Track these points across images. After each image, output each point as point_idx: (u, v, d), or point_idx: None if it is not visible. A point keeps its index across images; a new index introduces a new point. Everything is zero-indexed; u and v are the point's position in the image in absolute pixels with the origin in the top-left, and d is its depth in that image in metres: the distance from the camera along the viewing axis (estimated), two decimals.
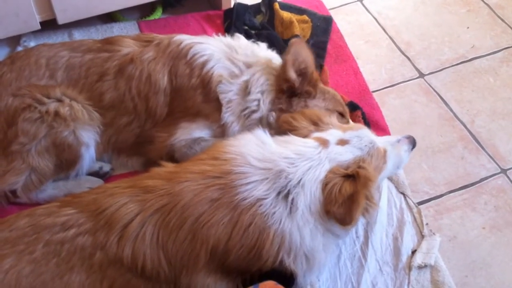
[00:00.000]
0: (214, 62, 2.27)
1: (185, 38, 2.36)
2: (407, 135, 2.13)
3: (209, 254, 1.75)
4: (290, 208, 1.77)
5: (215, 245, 1.74)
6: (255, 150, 1.84)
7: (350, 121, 2.39)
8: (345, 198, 1.75)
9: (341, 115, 2.31)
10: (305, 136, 1.94)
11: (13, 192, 2.24)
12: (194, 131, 2.27)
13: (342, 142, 1.89)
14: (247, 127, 2.24)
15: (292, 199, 1.77)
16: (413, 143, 2.12)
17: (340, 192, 1.76)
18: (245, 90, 2.26)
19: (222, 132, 2.30)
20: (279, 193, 1.77)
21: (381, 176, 1.99)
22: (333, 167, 1.82)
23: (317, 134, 1.94)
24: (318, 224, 1.81)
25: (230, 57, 2.30)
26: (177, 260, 1.74)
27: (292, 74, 2.17)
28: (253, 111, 2.25)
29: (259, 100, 2.24)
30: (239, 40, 2.39)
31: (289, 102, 2.23)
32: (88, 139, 2.27)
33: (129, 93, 2.28)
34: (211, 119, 2.28)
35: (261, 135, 1.91)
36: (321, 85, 2.32)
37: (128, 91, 2.28)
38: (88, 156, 2.31)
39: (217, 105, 2.26)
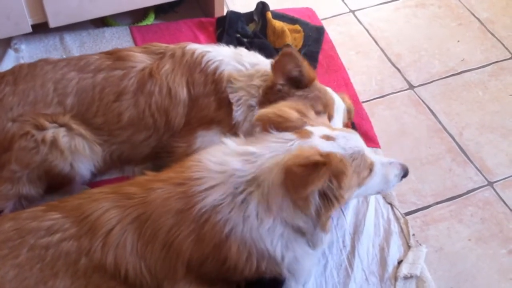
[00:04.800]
0: (224, 65, 2.29)
1: (197, 47, 2.36)
2: (401, 162, 1.99)
3: (185, 267, 1.73)
4: (245, 209, 1.68)
5: (190, 258, 1.72)
6: (215, 154, 1.78)
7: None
8: (309, 163, 1.59)
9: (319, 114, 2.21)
10: (300, 127, 1.78)
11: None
12: (213, 138, 2.25)
13: (327, 138, 1.77)
14: (253, 124, 2.21)
15: (244, 199, 1.68)
16: (405, 170, 1.97)
17: (306, 156, 1.62)
18: (251, 84, 2.26)
19: (234, 135, 2.28)
20: (234, 195, 1.69)
21: (360, 189, 1.85)
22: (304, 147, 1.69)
23: (308, 127, 1.80)
24: (278, 221, 1.70)
25: (237, 59, 2.32)
26: (157, 270, 1.73)
27: (279, 80, 2.18)
28: (254, 96, 2.25)
29: (259, 87, 2.25)
30: (242, 50, 2.41)
31: (265, 95, 2.22)
32: (85, 170, 2.24)
33: (149, 110, 2.24)
34: (223, 125, 2.27)
35: (226, 139, 1.84)
36: (314, 84, 2.25)
37: (148, 107, 2.24)
38: (81, 181, 2.29)
39: (228, 111, 2.26)
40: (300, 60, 2.18)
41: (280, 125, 1.79)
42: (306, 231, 1.77)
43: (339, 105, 2.32)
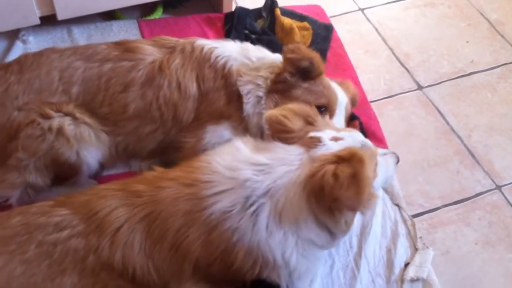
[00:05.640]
0: (232, 60, 2.29)
1: (206, 42, 2.36)
2: (391, 151, 2.05)
3: (192, 268, 1.73)
4: (254, 220, 1.67)
5: (197, 259, 1.71)
6: (225, 158, 1.76)
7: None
8: (348, 178, 1.58)
9: (320, 108, 2.22)
10: (300, 138, 1.80)
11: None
12: (223, 133, 2.25)
13: (336, 139, 1.78)
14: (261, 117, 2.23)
15: (255, 210, 1.68)
16: (397, 158, 2.02)
17: (338, 176, 1.59)
18: (258, 75, 2.27)
19: (245, 129, 2.28)
20: (244, 204, 1.68)
21: (374, 181, 1.87)
22: (319, 155, 1.70)
23: (313, 133, 1.81)
24: (289, 234, 1.70)
25: (245, 54, 2.33)
26: (164, 270, 1.72)
27: (289, 68, 2.19)
28: (262, 87, 2.25)
29: (266, 78, 2.25)
30: (248, 44, 2.42)
31: (274, 84, 2.24)
32: (91, 159, 2.23)
33: (156, 102, 2.23)
34: (233, 119, 2.27)
35: (237, 142, 1.82)
36: (321, 78, 2.27)
37: (155, 100, 2.23)
38: (89, 172, 2.28)
39: (238, 105, 2.26)
40: (313, 52, 2.21)
41: (280, 134, 1.80)
42: (318, 243, 1.77)
43: (342, 101, 2.31)
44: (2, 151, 2.14)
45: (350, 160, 1.63)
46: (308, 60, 2.17)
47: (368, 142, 1.87)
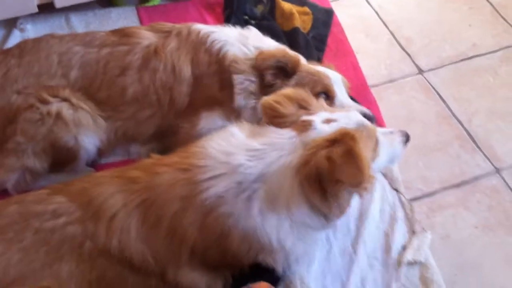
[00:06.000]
0: (228, 46, 2.29)
1: (203, 27, 2.37)
2: (400, 129, 2.03)
3: (189, 253, 1.74)
4: (248, 205, 1.69)
5: (194, 244, 1.72)
6: (220, 143, 1.77)
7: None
8: (343, 157, 1.59)
9: (321, 94, 2.21)
10: (294, 122, 1.81)
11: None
12: (217, 119, 2.26)
13: (329, 121, 1.79)
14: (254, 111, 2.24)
15: (249, 195, 1.69)
16: (406, 136, 2.00)
17: (332, 158, 1.60)
18: (251, 70, 2.26)
19: (238, 118, 2.26)
20: (237, 190, 1.69)
21: (374, 162, 1.87)
22: (310, 141, 1.70)
23: (305, 117, 1.81)
24: (283, 218, 1.71)
25: (243, 42, 2.32)
26: (161, 255, 1.74)
27: (267, 74, 2.22)
28: (253, 82, 2.26)
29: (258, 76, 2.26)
30: (251, 31, 2.41)
31: (264, 89, 2.23)
32: (89, 145, 2.24)
33: (153, 86, 2.25)
34: (226, 107, 2.27)
35: (233, 127, 1.84)
36: (302, 67, 2.27)
37: (152, 84, 2.24)
38: (86, 157, 2.28)
39: (231, 93, 2.27)
40: (275, 51, 2.24)
41: (273, 120, 1.81)
42: (313, 225, 1.78)
43: (336, 79, 2.30)
44: (0, 135, 2.16)
45: (341, 140, 1.64)
46: (275, 58, 2.19)
47: (365, 121, 1.86)
